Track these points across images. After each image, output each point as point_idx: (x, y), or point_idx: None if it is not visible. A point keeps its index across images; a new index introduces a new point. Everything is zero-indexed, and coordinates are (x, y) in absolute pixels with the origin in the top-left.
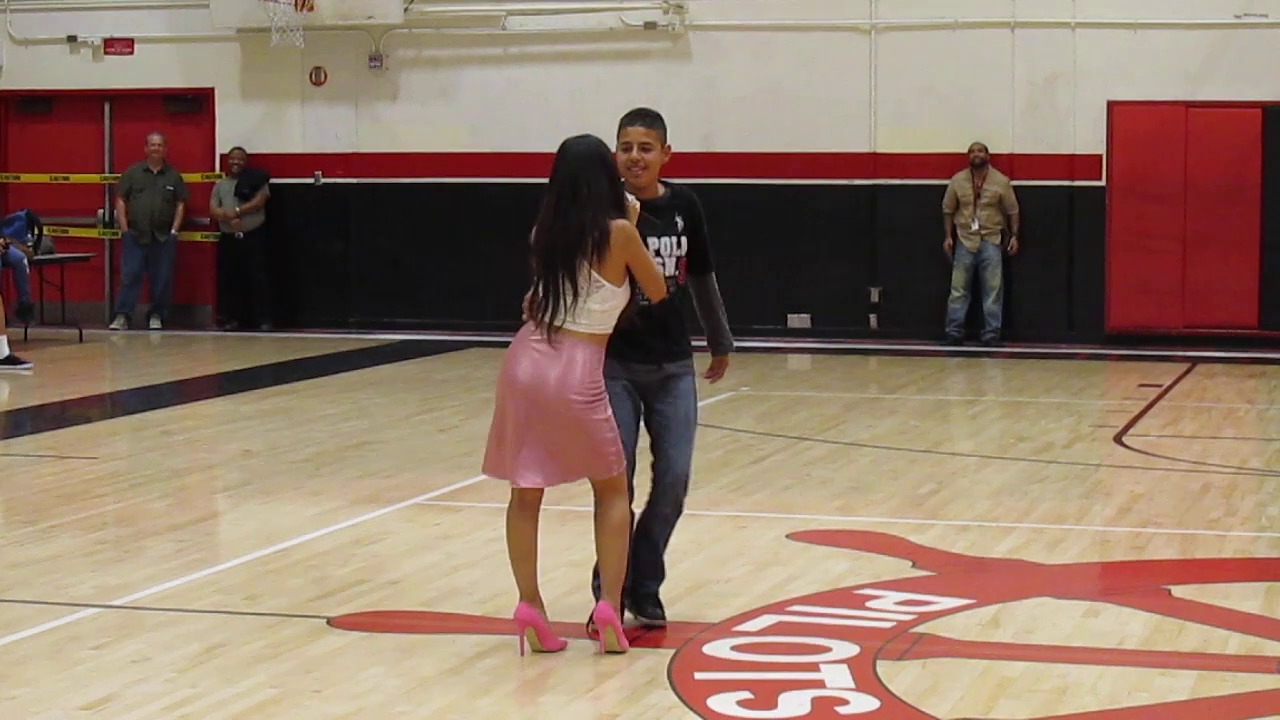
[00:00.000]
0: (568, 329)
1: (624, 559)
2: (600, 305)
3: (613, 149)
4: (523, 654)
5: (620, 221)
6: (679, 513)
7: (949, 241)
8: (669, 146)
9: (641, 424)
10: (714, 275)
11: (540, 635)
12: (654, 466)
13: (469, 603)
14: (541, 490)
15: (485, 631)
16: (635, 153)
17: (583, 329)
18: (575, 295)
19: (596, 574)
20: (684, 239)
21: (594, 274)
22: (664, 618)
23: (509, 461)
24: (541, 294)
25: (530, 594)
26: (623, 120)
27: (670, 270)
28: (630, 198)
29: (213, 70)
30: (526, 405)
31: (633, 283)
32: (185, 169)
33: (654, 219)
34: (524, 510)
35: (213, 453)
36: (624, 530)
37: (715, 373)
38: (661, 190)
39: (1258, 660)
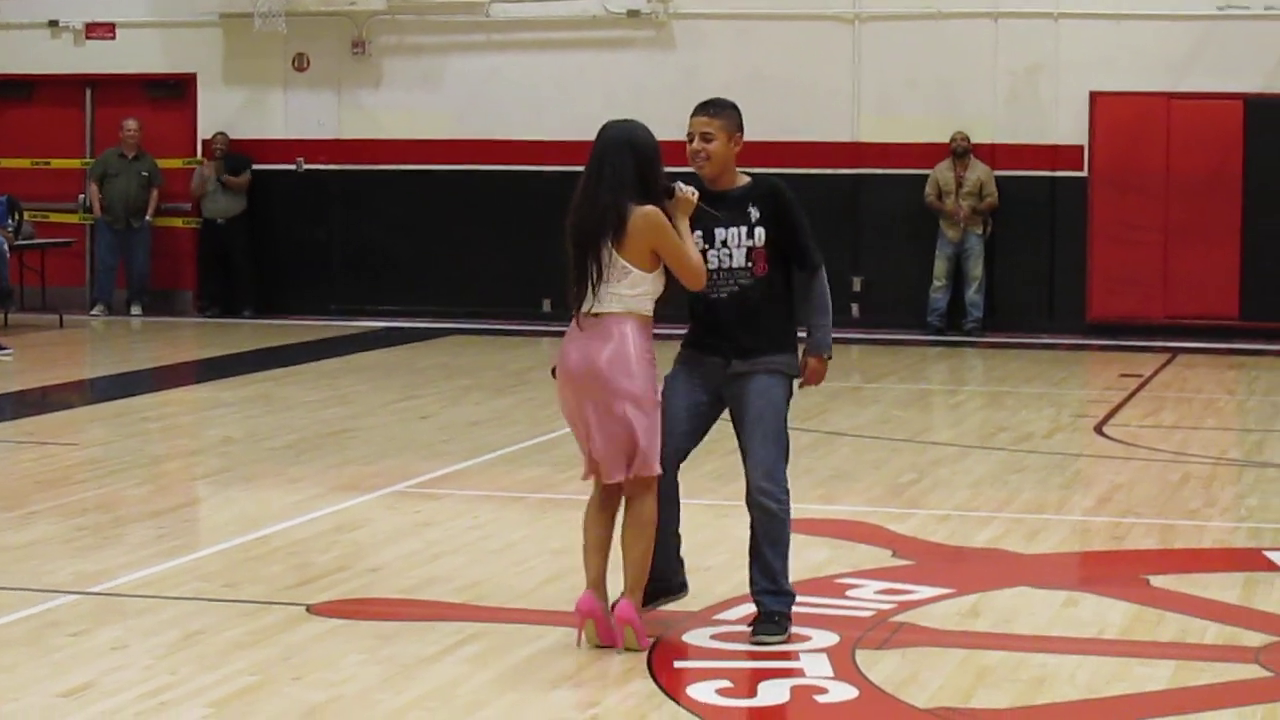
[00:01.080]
0: (608, 311)
1: (647, 557)
2: (630, 290)
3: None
4: (579, 645)
5: (645, 208)
6: (767, 515)
7: (949, 209)
8: (739, 136)
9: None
10: (820, 273)
11: (599, 629)
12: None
13: (449, 590)
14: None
15: (465, 619)
16: (696, 143)
17: (619, 309)
18: (601, 277)
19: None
20: (759, 229)
21: (617, 257)
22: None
23: (590, 459)
24: (574, 278)
25: (597, 585)
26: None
27: (740, 262)
28: (685, 187)
29: (195, 55)
30: (583, 392)
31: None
32: (167, 155)
33: (716, 210)
34: (607, 504)
35: (193, 439)
36: (649, 528)
37: (805, 377)
38: (742, 181)
39: (1236, 650)
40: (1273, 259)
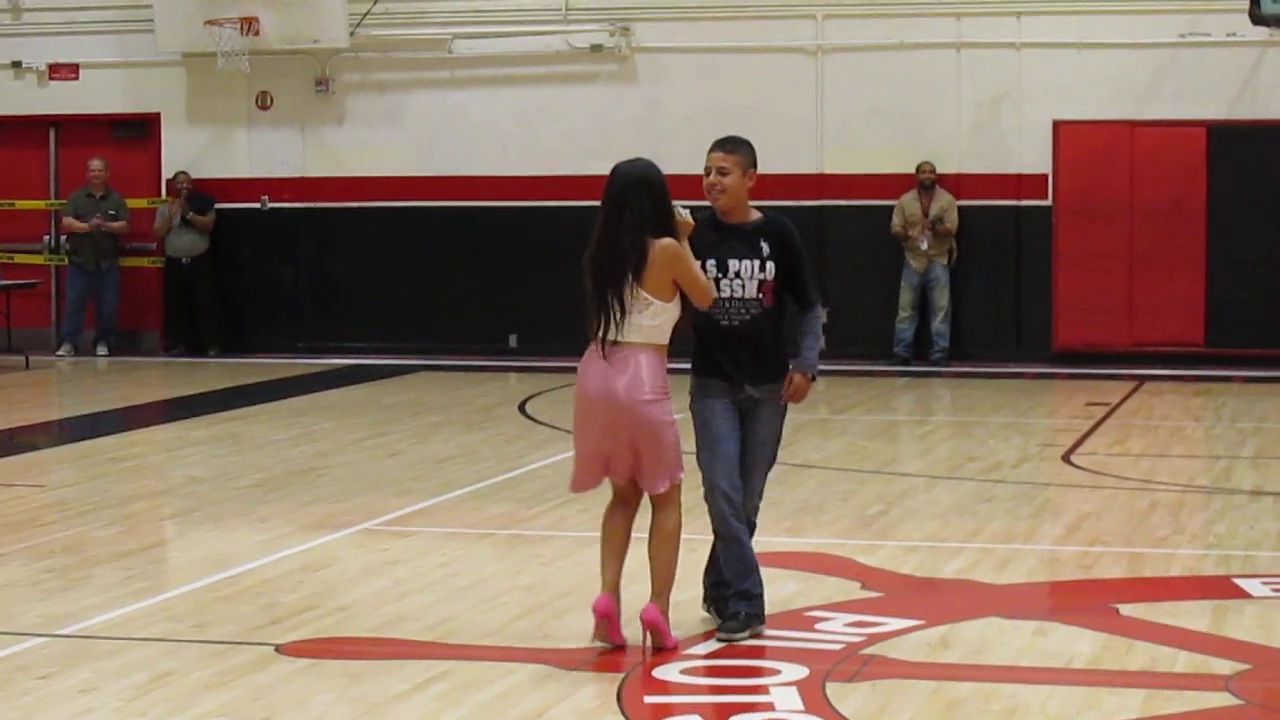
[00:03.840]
0: (629, 341)
1: (671, 566)
2: (651, 320)
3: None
4: (594, 639)
5: (664, 241)
6: (752, 530)
7: (915, 234)
8: (753, 171)
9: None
10: (819, 310)
11: (610, 630)
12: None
13: (418, 628)
14: (640, 491)
15: (434, 657)
16: (713, 177)
17: (637, 340)
18: (624, 312)
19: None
20: (769, 264)
21: (641, 292)
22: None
23: (599, 469)
24: (595, 312)
25: (612, 588)
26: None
27: (751, 293)
28: (683, 211)
29: (159, 95)
30: (602, 414)
31: (684, 295)
32: (132, 194)
33: (727, 242)
34: (622, 508)
35: (160, 479)
36: (672, 538)
37: (789, 392)
38: (754, 216)
39: (1206, 678)
40: (1237, 285)
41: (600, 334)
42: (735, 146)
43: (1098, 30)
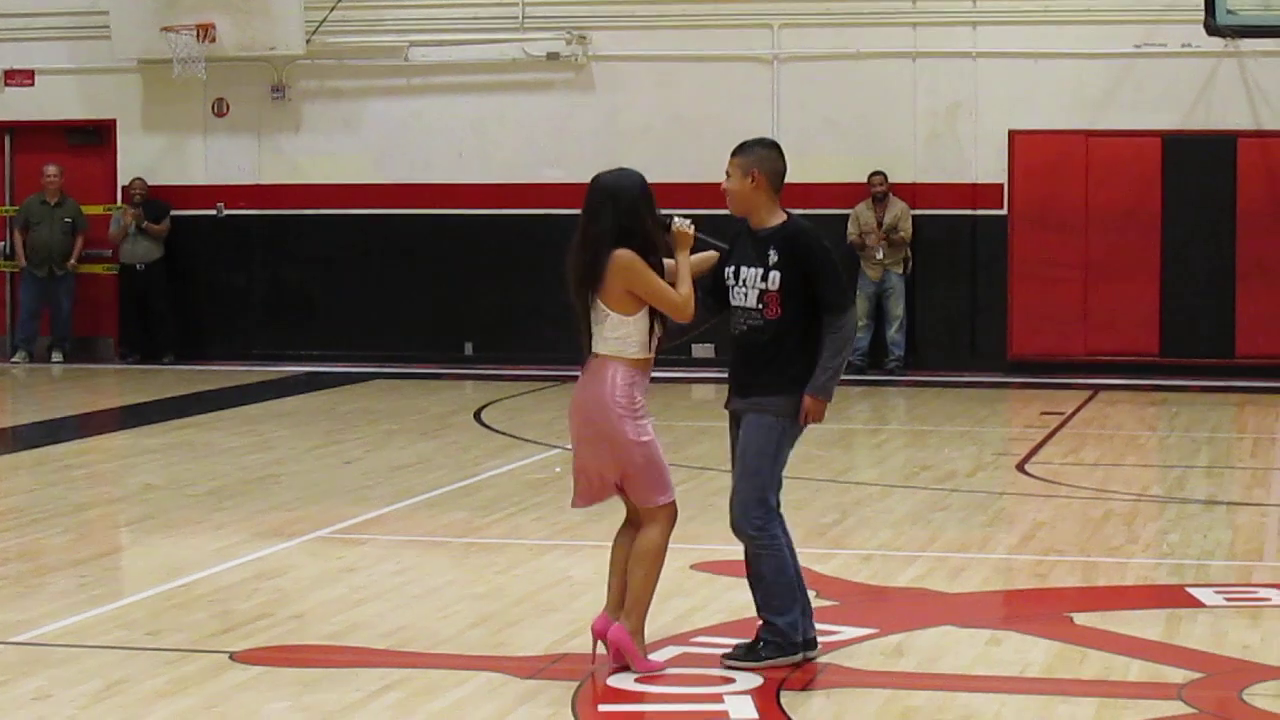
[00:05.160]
0: (599, 353)
1: (647, 584)
2: (613, 333)
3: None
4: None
5: (619, 252)
6: (744, 541)
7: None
8: (756, 172)
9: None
10: (842, 317)
11: (608, 649)
12: None
13: (373, 636)
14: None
15: (388, 665)
16: (725, 182)
17: (611, 352)
18: (589, 323)
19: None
20: (774, 273)
21: (599, 303)
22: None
23: (593, 484)
24: (578, 323)
25: (611, 608)
26: None
27: (751, 303)
28: (682, 221)
29: (114, 102)
30: (577, 426)
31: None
32: (88, 201)
33: (730, 245)
34: (630, 529)
35: (115, 487)
36: (649, 557)
37: (801, 416)
38: (774, 221)
39: (1159, 687)
40: (1192, 295)
41: (581, 344)
42: (740, 149)
43: (1053, 40)
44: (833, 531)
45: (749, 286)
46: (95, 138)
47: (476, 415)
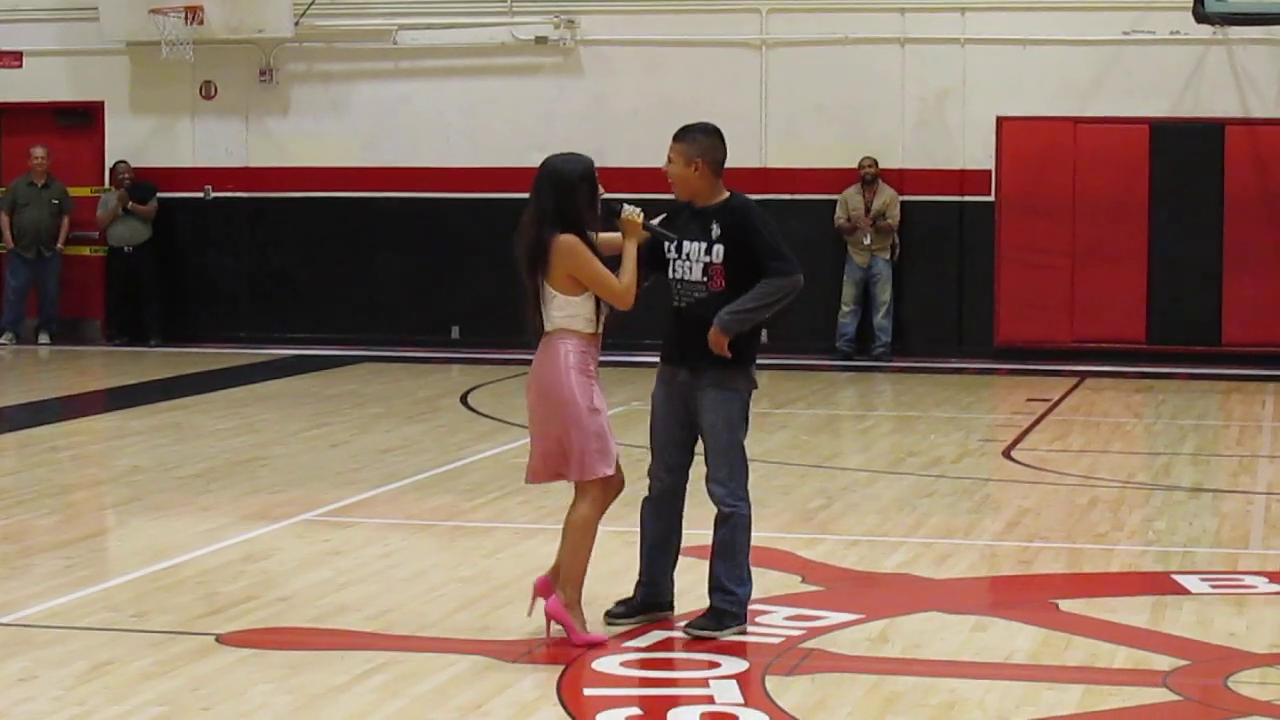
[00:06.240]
0: (549, 330)
1: (576, 556)
2: (560, 312)
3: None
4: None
5: (561, 236)
6: (721, 519)
7: (859, 227)
8: (699, 161)
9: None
10: (776, 281)
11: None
12: None
13: (358, 619)
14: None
15: (374, 648)
16: (667, 167)
17: (561, 327)
18: (539, 302)
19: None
20: (717, 247)
21: (545, 284)
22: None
23: (546, 461)
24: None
25: (555, 570)
26: None
27: (696, 276)
28: (630, 208)
29: (102, 83)
30: (532, 399)
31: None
32: (75, 183)
33: (681, 225)
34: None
35: (101, 469)
36: (578, 530)
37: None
38: (718, 199)
39: (1145, 674)
40: (1179, 282)
41: (532, 322)
42: (681, 136)
43: (1042, 27)
44: (819, 517)
45: (693, 260)
46: (83, 120)
47: (463, 399)
